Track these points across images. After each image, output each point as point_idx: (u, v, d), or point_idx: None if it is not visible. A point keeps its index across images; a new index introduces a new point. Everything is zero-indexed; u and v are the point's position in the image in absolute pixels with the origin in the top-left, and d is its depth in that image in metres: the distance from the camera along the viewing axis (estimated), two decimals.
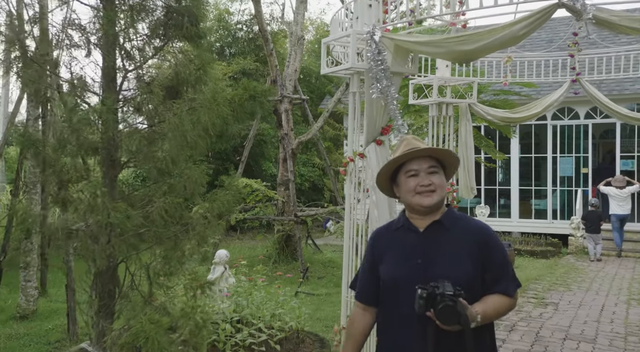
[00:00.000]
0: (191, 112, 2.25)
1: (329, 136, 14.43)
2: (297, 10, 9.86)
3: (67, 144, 2.35)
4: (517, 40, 3.22)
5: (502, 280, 2.08)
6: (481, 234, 2.11)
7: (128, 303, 2.40)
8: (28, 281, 6.84)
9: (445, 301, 1.85)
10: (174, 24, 2.39)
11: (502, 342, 5.91)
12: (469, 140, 5.61)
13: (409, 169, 2.10)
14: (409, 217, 2.17)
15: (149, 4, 2.37)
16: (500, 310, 2.08)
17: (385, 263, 2.15)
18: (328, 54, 4.07)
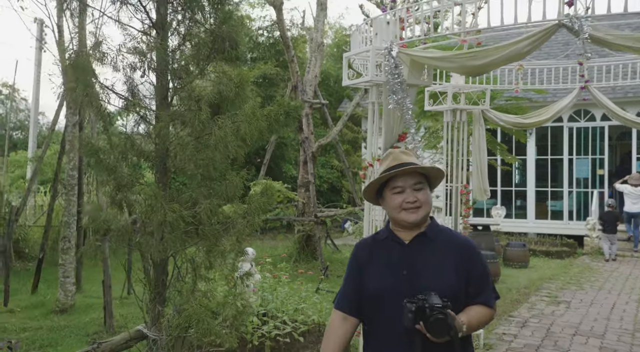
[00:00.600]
0: (233, 125, 2.61)
1: (347, 139, 14.77)
2: (317, 17, 10.23)
3: (128, 153, 2.73)
4: (522, 56, 3.54)
5: (483, 292, 2.12)
6: (464, 247, 2.15)
7: (177, 291, 2.77)
8: (66, 277, 7.29)
9: (435, 315, 1.87)
10: (216, 48, 2.76)
11: (514, 338, 6.19)
12: (482, 145, 5.91)
13: (394, 186, 2.12)
14: (394, 229, 2.19)
15: (196, 31, 2.74)
16: (482, 320, 2.13)
17: (370, 274, 2.16)
18: (349, 67, 4.42)
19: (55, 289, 8.07)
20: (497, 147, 9.40)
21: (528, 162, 15.30)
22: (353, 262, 2.26)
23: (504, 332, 6.40)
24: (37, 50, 17.42)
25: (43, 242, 7.92)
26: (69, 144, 7.30)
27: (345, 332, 2.20)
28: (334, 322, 2.23)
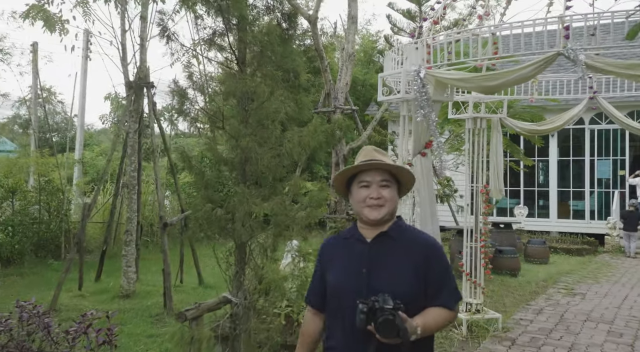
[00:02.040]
0: (299, 139, 3.41)
1: (375, 141, 15.49)
2: (348, 29, 11.00)
3: (219, 160, 3.55)
4: (527, 79, 4.29)
5: (443, 293, 2.12)
6: (426, 247, 2.15)
7: (256, 265, 3.58)
8: (129, 267, 8.23)
9: (384, 315, 1.88)
10: (284, 79, 3.56)
11: (530, 322, 6.88)
12: (499, 149, 6.63)
13: (362, 180, 2.15)
14: (359, 227, 2.23)
15: (270, 69, 3.55)
16: (440, 323, 2.11)
17: (332, 271, 2.19)
18: (383, 85, 5.21)
19: (115, 278, 9.06)
20: (515, 150, 10.06)
21: (550, 164, 15.85)
22: (318, 258, 2.31)
23: (521, 318, 7.10)
24: (83, 59, 18.60)
25: (106, 236, 8.89)
26: (130, 148, 8.23)
27: (317, 326, 2.29)
28: (306, 319, 2.32)
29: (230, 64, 3.73)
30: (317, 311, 2.28)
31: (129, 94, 7.99)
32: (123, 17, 8.00)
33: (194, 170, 3.65)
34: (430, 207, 4.88)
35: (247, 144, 3.30)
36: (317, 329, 2.30)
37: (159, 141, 9.02)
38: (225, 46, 3.63)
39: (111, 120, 34.12)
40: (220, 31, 3.66)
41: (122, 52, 8.11)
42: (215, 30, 3.66)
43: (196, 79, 3.75)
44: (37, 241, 10.45)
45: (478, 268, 6.69)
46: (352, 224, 2.32)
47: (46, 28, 8.44)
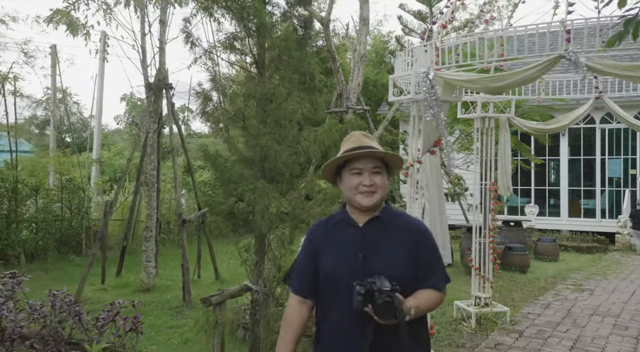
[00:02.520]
0: (315, 137, 3.66)
1: (387, 141, 15.72)
2: (360, 31, 11.26)
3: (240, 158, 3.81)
4: (532, 81, 4.50)
5: (433, 276, 2.17)
6: (417, 232, 2.20)
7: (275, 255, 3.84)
8: (149, 262, 8.53)
9: (383, 297, 1.90)
10: (300, 81, 3.81)
11: (537, 316, 7.07)
12: (507, 148, 6.83)
13: (353, 167, 2.16)
14: (349, 211, 2.24)
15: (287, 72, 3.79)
16: (431, 304, 2.16)
17: (325, 257, 2.18)
18: (394, 86, 5.44)
19: (135, 273, 9.39)
20: (524, 149, 10.23)
21: (561, 163, 15.94)
22: (308, 245, 2.28)
23: (529, 312, 7.30)
24: (100, 61, 19.03)
25: (126, 232, 9.21)
26: (150, 148, 8.53)
27: (303, 316, 2.26)
28: (293, 308, 2.27)
29: (250, 67, 3.99)
30: (303, 298, 2.25)
31: (148, 95, 8.29)
32: (143, 21, 8.31)
33: (217, 167, 3.91)
34: (439, 203, 5.10)
35: (267, 143, 3.56)
36: (304, 317, 2.26)
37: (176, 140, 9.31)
38: (245, 50, 3.88)
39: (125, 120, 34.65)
40: (240, 36, 3.92)
41: (142, 55, 8.42)
42: (236, 35, 3.92)
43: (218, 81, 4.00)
44: (60, 238, 10.81)
45: (487, 263, 6.90)
46: (340, 207, 2.30)
47: (69, 32, 8.77)
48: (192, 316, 7.09)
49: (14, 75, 9.99)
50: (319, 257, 2.20)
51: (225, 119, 3.81)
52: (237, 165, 3.95)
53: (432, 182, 5.01)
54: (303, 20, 3.84)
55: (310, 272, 2.22)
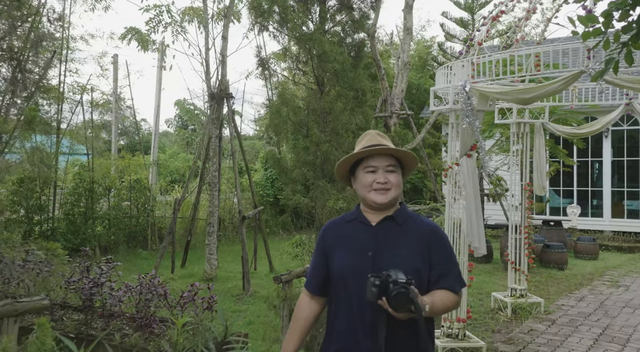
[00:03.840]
0: None
1: (429, 143, 16.27)
2: (403, 40, 11.90)
3: (302, 162, 4.58)
4: (557, 93, 5.11)
5: (448, 277, 2.13)
6: (431, 233, 2.17)
7: None
8: (211, 254, 9.45)
9: (398, 288, 1.87)
10: (354, 96, 4.54)
11: (571, 307, 7.58)
12: (542, 151, 7.38)
13: (368, 165, 2.15)
14: (363, 210, 2.23)
15: (343, 90, 4.54)
16: (447, 304, 2.11)
17: (336, 255, 2.17)
18: (435, 97, 6.11)
19: (197, 265, 10.34)
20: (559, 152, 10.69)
21: (604, 164, 16.11)
22: (320, 242, 2.28)
23: (563, 303, 7.80)
24: (158, 69, 20.29)
25: (190, 228, 10.17)
26: (212, 151, 9.45)
27: (312, 311, 2.29)
28: (302, 302, 2.31)
29: (311, 85, 4.75)
30: (312, 294, 2.28)
31: (211, 104, 9.21)
32: (207, 37, 9.23)
33: (282, 169, 4.70)
34: (475, 201, 5.74)
35: (327, 149, 4.31)
36: (314, 313, 2.29)
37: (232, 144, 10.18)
38: (308, 71, 4.65)
39: (175, 124, 36.19)
40: (303, 60, 4.70)
41: (205, 67, 9.34)
42: (300, 58, 4.70)
43: (287, 97, 4.79)
44: (129, 233, 11.92)
45: (522, 257, 7.45)
46: (355, 206, 2.31)
47: (141, 47, 9.80)
48: (253, 302, 7.94)
49: (91, 86, 11.10)
50: (330, 256, 2.20)
51: (291, 129, 4.57)
52: (300, 168, 4.72)
53: (469, 182, 5.65)
54: (356, 45, 4.57)
55: (321, 269, 2.24)
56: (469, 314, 5.90)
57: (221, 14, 9.24)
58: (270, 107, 4.48)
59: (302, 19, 4.32)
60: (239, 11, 9.39)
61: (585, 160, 16.18)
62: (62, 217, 10.79)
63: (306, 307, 2.30)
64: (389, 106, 11.59)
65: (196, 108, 25.88)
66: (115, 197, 11.80)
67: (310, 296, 2.30)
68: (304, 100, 4.58)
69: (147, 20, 8.73)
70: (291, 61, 4.47)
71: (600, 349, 5.86)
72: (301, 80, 4.76)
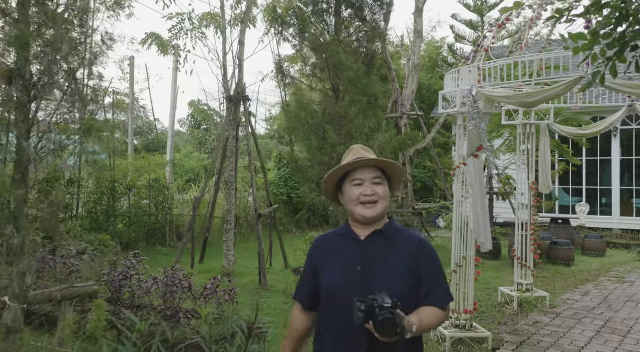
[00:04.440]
0: (379, 146, 4.73)
1: (439, 143, 16.56)
2: (414, 43, 12.21)
3: (318, 162, 4.93)
4: (558, 97, 5.42)
5: (436, 293, 2.12)
6: (420, 248, 2.17)
7: None
8: (229, 251, 9.83)
9: (384, 314, 1.88)
10: (367, 102, 4.89)
11: (575, 302, 7.87)
12: (547, 151, 7.67)
13: (354, 178, 2.16)
14: (352, 225, 2.23)
15: (357, 96, 4.89)
16: (433, 322, 2.11)
17: (326, 270, 2.17)
18: (444, 100, 6.44)
19: (215, 261, 10.74)
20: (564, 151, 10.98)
21: (613, 163, 16.29)
22: (310, 258, 2.30)
23: (568, 298, 8.09)
24: (174, 71, 20.76)
25: (208, 225, 10.57)
26: (230, 152, 9.83)
27: (302, 323, 2.33)
28: (295, 315, 2.36)
29: (327, 91, 5.10)
30: (302, 307, 2.32)
31: (229, 106, 9.59)
32: (224, 42, 9.62)
33: (298, 168, 5.06)
34: (482, 199, 6.06)
35: (343, 150, 4.66)
36: (306, 325, 2.33)
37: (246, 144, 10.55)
38: (324, 78, 5.01)
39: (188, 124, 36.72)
40: (320, 67, 5.06)
41: (223, 71, 9.73)
42: (317, 66, 5.06)
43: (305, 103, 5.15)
44: (148, 230, 12.36)
45: (528, 253, 7.76)
46: (345, 221, 2.32)
47: (161, 52, 10.21)
48: (269, 296, 8.31)
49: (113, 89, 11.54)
50: (320, 271, 2.21)
51: (308, 131, 4.93)
52: (315, 167, 5.08)
53: (476, 181, 5.98)
54: (369, 54, 4.92)
55: (311, 284, 2.25)
56: (475, 307, 6.22)
57: (238, 19, 9.61)
58: (288, 111, 4.82)
59: (320, 31, 4.66)
60: (254, 17, 9.76)
61: (595, 159, 16.38)
62: (86, 215, 11.25)
63: (299, 318, 2.34)
64: (399, 107, 11.90)
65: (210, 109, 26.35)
66: (135, 196, 12.24)
67: (302, 310, 2.33)
68: (320, 105, 4.92)
69: (170, 28, 9.14)
70: (309, 69, 4.82)
71: (601, 340, 6.16)
72: (318, 86, 5.11)
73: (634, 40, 2.82)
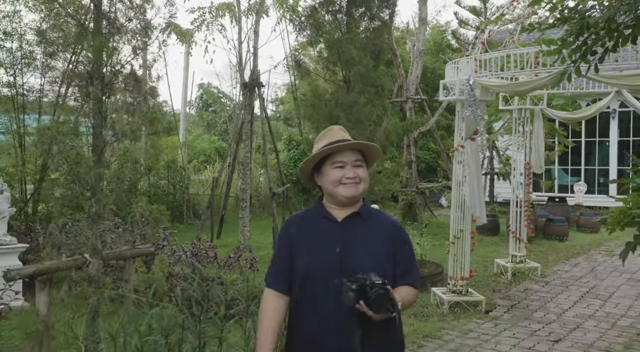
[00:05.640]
0: (385, 132, 5.39)
1: (442, 125, 17.13)
2: (418, 30, 12.76)
3: None
4: (545, 87, 6.06)
5: (410, 273, 2.16)
6: (394, 229, 2.19)
7: None
8: (244, 227, 10.58)
9: (377, 290, 1.86)
10: (375, 92, 5.53)
11: (565, 272, 8.58)
12: (540, 133, 8.32)
13: (335, 161, 2.12)
14: (327, 206, 2.20)
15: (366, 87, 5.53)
16: (411, 300, 2.15)
17: (301, 252, 2.13)
18: (444, 88, 7.07)
19: (231, 236, 11.50)
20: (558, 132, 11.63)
21: (611, 143, 16.87)
22: (283, 238, 2.23)
23: (558, 269, 8.81)
24: (185, 55, 21.35)
25: (224, 203, 11.31)
26: (245, 135, 10.51)
27: (281, 310, 2.18)
28: (267, 302, 2.19)
29: (339, 82, 5.75)
30: (277, 293, 2.18)
31: (244, 92, 10.24)
32: (240, 32, 10.24)
33: None
34: (477, 178, 6.73)
35: (353, 135, 5.32)
36: (280, 310, 2.19)
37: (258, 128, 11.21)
38: (337, 70, 5.65)
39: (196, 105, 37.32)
40: (333, 60, 5.70)
41: (238, 59, 10.37)
42: (330, 60, 5.70)
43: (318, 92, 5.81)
44: (166, 209, 13.11)
45: (522, 228, 8.45)
46: (316, 201, 2.28)
47: (179, 40, 10.83)
48: None
49: None
50: (294, 253, 2.15)
51: (322, 118, 5.58)
52: None
53: (472, 161, 6.65)
54: (377, 50, 5.56)
55: (285, 267, 2.17)
56: (471, 274, 6.93)
57: (252, 9, 10.21)
58: (304, 100, 5.46)
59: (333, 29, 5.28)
60: (267, 7, 10.35)
61: (593, 141, 16.97)
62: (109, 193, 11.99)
63: (270, 303, 2.18)
64: (404, 92, 12.51)
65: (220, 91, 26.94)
66: (155, 176, 12.97)
67: (274, 294, 2.18)
68: (332, 95, 5.57)
69: (192, 20, 9.76)
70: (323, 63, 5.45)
71: (584, 303, 6.89)
72: (331, 78, 5.75)
73: (592, 46, 3.47)
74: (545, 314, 6.44)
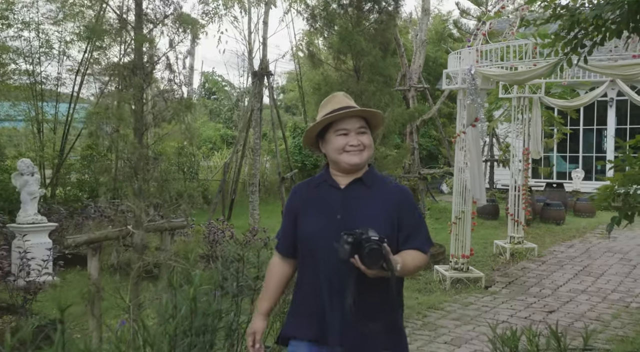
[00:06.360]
0: (391, 119, 5.80)
1: (444, 113, 17.54)
2: (421, 20, 13.11)
3: None
4: (542, 76, 6.46)
5: (417, 238, 2.14)
6: (400, 194, 2.18)
7: None
8: (254, 210, 11.01)
9: (371, 245, 1.87)
10: (382, 81, 5.93)
11: (560, 252, 9.04)
12: (538, 121, 8.73)
13: (339, 128, 2.12)
14: (332, 173, 2.20)
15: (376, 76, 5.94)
16: (417, 263, 2.12)
17: (304, 218, 2.17)
18: (447, 77, 7.47)
19: (240, 219, 11.96)
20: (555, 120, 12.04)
21: (608, 131, 17.27)
22: (289, 205, 2.28)
23: (554, 249, 9.27)
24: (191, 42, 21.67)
25: (234, 188, 11.75)
26: (254, 121, 10.92)
27: (283, 272, 2.27)
28: (273, 264, 2.31)
29: (349, 72, 6.15)
30: (285, 257, 2.27)
31: (254, 80, 10.64)
32: (249, 22, 10.61)
33: None
34: (478, 162, 7.15)
35: None
36: (285, 275, 2.29)
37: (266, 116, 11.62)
38: (347, 60, 6.04)
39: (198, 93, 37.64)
40: (344, 51, 6.10)
41: (248, 48, 10.75)
42: (341, 51, 6.10)
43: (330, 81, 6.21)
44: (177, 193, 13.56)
45: (520, 210, 8.89)
46: (323, 168, 2.29)
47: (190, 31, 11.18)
48: None
49: None
50: (299, 219, 2.19)
51: None
52: None
53: (473, 146, 7.07)
54: (385, 44, 5.95)
55: (291, 233, 2.22)
56: (472, 252, 7.38)
57: (261, 0, 10.57)
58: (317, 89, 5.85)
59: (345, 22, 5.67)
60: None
61: (591, 128, 17.37)
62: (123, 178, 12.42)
63: (277, 266, 2.29)
64: (407, 80, 12.88)
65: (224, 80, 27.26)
66: (165, 162, 13.38)
67: (281, 258, 2.28)
68: (342, 84, 5.96)
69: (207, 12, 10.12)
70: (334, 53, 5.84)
71: (578, 280, 7.35)
72: (342, 67, 6.15)
73: (582, 40, 3.87)
74: (540, 289, 6.90)
